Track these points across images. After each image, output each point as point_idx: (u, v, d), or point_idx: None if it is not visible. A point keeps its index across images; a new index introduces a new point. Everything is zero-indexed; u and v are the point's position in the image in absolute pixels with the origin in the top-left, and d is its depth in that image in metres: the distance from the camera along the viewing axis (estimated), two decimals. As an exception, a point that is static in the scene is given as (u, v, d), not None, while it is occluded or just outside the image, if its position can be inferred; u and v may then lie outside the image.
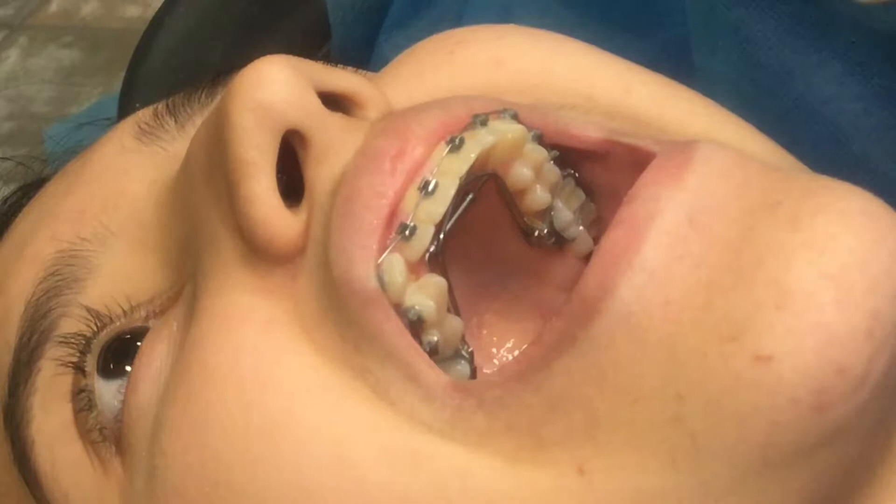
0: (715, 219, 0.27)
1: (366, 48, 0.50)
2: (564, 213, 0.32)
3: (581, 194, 0.32)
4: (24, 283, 0.34)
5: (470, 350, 0.30)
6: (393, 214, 0.29)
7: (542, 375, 0.27)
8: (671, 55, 0.37)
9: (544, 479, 0.27)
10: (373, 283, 0.28)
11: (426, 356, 0.28)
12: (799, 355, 0.25)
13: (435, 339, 0.29)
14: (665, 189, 0.27)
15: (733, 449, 0.25)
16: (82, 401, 0.33)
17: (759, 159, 0.29)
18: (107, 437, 0.32)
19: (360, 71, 0.37)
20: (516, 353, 0.32)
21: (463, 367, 0.30)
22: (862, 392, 0.25)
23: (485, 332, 0.32)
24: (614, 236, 0.27)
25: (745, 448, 0.25)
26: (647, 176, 0.27)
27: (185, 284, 0.32)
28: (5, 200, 0.44)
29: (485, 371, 0.31)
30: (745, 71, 0.34)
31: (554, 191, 0.31)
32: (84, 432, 0.33)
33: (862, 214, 0.26)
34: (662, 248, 0.26)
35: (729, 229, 0.26)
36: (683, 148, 0.28)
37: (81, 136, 0.47)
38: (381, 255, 0.28)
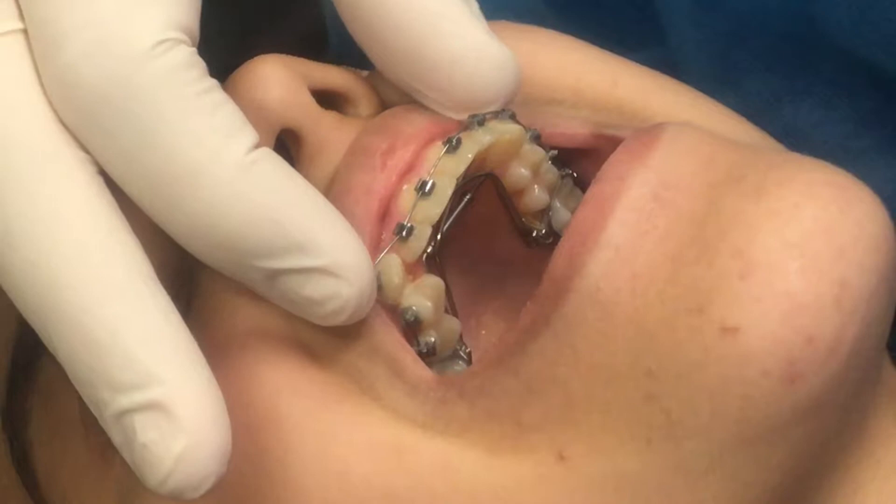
0: (680, 194, 0.27)
1: (363, 53, 0.50)
2: (563, 213, 0.32)
3: (579, 194, 0.32)
4: None
5: (468, 350, 0.30)
6: (384, 210, 0.29)
7: (518, 359, 0.27)
8: (661, 68, 0.38)
9: (525, 468, 0.27)
10: None
11: (412, 352, 0.28)
12: (765, 325, 0.25)
13: (432, 339, 0.29)
14: (630, 167, 0.27)
15: (708, 425, 0.25)
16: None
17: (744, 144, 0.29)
18: (108, 438, 0.32)
19: (353, 69, 0.37)
20: None
21: (461, 368, 0.30)
22: (833, 362, 0.25)
23: (483, 332, 0.32)
24: (581, 215, 0.27)
25: (720, 424, 0.25)
26: (615, 156, 0.28)
27: (182, 285, 0.32)
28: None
29: None
30: (733, 97, 0.34)
31: (552, 190, 0.31)
32: (89, 433, 0.33)
33: (828, 185, 0.26)
34: (628, 224, 0.26)
35: (694, 203, 0.27)
36: (651, 129, 0.28)
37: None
38: (372, 250, 0.28)
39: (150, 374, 0.24)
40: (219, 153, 0.25)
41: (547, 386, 0.27)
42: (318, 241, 0.26)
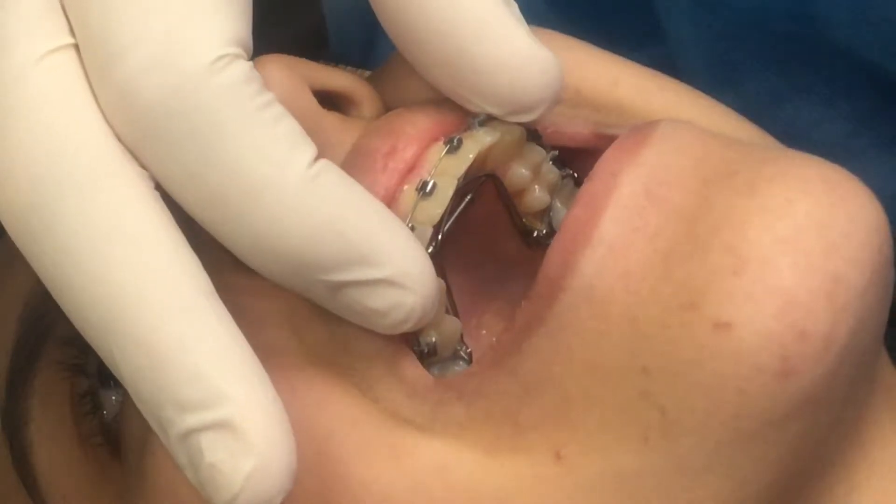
0: (672, 190, 0.27)
1: (363, 52, 0.51)
2: (563, 213, 0.32)
3: (580, 194, 0.32)
4: (22, 283, 0.34)
5: (468, 351, 0.30)
6: None
7: (515, 359, 0.27)
8: (661, 68, 0.38)
9: (523, 468, 0.27)
10: None
11: (411, 353, 0.28)
12: (758, 321, 0.25)
13: (433, 339, 0.29)
14: (622, 165, 0.27)
15: (704, 422, 0.25)
16: (85, 404, 0.33)
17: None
18: (108, 439, 0.32)
19: (355, 70, 0.37)
20: None
21: (461, 369, 0.30)
22: (827, 357, 0.25)
23: (483, 332, 0.32)
24: (574, 214, 0.27)
25: (716, 421, 0.25)
26: (607, 154, 0.28)
27: None
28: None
29: None
30: (733, 97, 0.35)
31: (553, 191, 0.31)
32: (85, 435, 0.32)
33: (820, 180, 0.26)
34: (620, 221, 0.27)
35: (686, 199, 0.27)
36: (644, 127, 0.28)
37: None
38: None
39: (219, 393, 0.24)
40: (283, 167, 0.25)
41: (543, 386, 0.27)
42: (383, 253, 0.26)
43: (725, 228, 0.26)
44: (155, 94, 0.24)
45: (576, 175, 0.32)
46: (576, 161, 0.32)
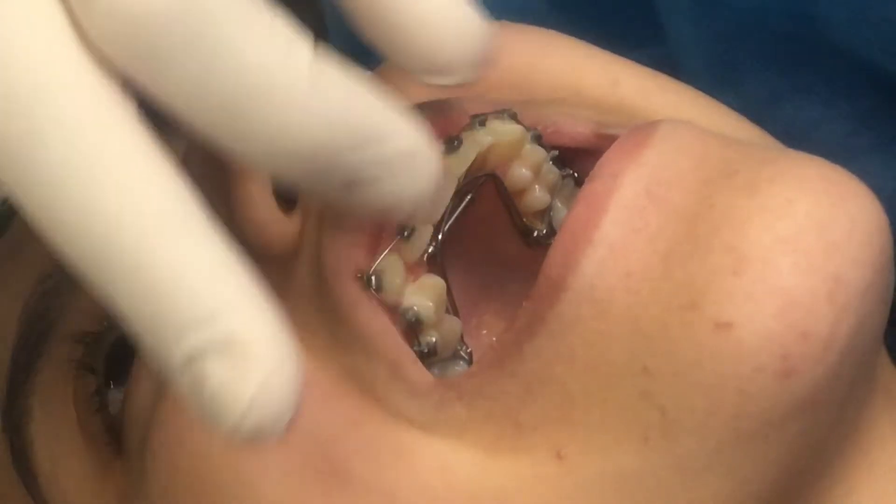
0: (673, 191, 0.27)
1: (363, 52, 0.50)
2: (564, 213, 0.32)
3: (580, 194, 0.32)
4: (24, 280, 0.34)
5: (469, 351, 0.30)
6: None
7: (516, 360, 0.27)
8: (661, 68, 0.38)
9: (524, 468, 0.27)
10: (361, 281, 0.28)
11: (412, 354, 0.28)
12: (759, 321, 0.25)
13: (433, 339, 0.29)
14: (623, 165, 0.27)
15: (704, 422, 0.25)
16: (94, 403, 0.33)
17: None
18: (113, 438, 0.32)
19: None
20: None
21: (462, 368, 0.30)
22: (828, 357, 0.25)
23: (484, 332, 0.32)
24: (575, 214, 0.27)
25: (716, 421, 0.25)
26: (608, 154, 0.28)
27: None
28: (5, 200, 0.44)
29: None
30: (733, 97, 0.35)
31: (553, 191, 0.31)
32: (91, 433, 0.32)
33: (821, 180, 0.26)
34: (621, 221, 0.27)
35: (686, 200, 0.27)
36: (644, 127, 0.28)
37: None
38: (372, 253, 0.28)
39: (219, 308, 0.22)
40: (288, 63, 0.24)
41: (544, 386, 0.27)
42: (392, 129, 0.25)
43: (726, 228, 0.26)
44: (150, 6, 0.23)
45: (576, 175, 0.32)
46: (576, 161, 0.32)
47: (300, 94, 0.24)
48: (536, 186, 0.31)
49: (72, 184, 0.23)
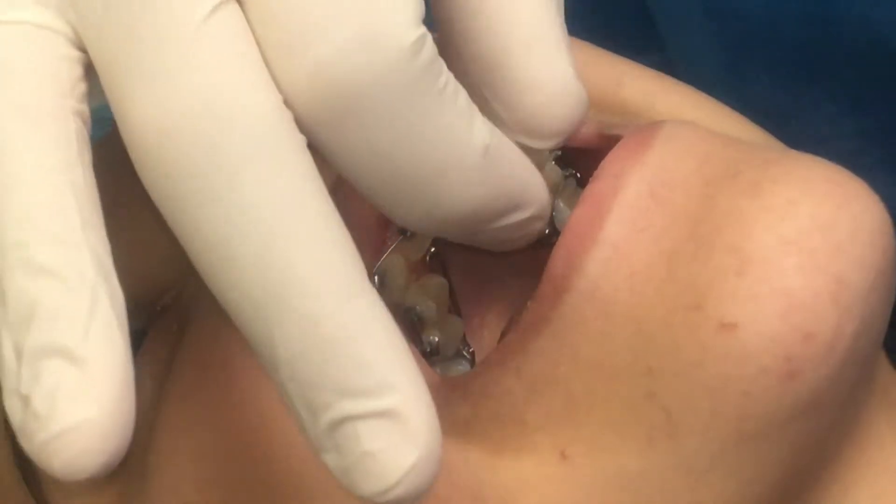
0: (677, 191, 0.27)
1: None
2: (566, 213, 0.31)
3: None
4: None
5: (471, 350, 0.31)
6: None
7: (520, 359, 0.27)
8: (666, 73, 0.38)
9: (528, 468, 0.27)
10: None
11: (416, 352, 0.28)
12: (763, 322, 0.25)
13: (436, 339, 0.29)
14: (627, 165, 0.27)
15: (708, 423, 0.25)
16: None
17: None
18: None
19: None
20: None
21: (464, 368, 0.30)
22: (831, 358, 0.25)
23: (486, 332, 0.32)
24: (579, 214, 0.27)
25: (720, 421, 0.25)
26: (611, 155, 0.28)
27: (185, 284, 0.32)
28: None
29: None
30: (741, 111, 0.35)
31: (556, 191, 0.31)
32: None
33: (824, 181, 0.26)
34: (625, 222, 0.27)
35: (690, 200, 0.27)
36: (648, 128, 0.28)
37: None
38: (375, 253, 0.28)
39: (386, 382, 0.22)
40: (467, 143, 0.24)
41: (549, 386, 0.27)
42: (532, 197, 0.27)
43: (729, 229, 0.26)
44: (356, 74, 0.23)
45: (578, 175, 0.32)
46: (579, 161, 0.32)
47: (476, 170, 0.25)
48: (539, 186, 0.31)
49: (258, 227, 0.22)
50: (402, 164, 0.24)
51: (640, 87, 0.33)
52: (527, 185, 0.27)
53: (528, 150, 0.30)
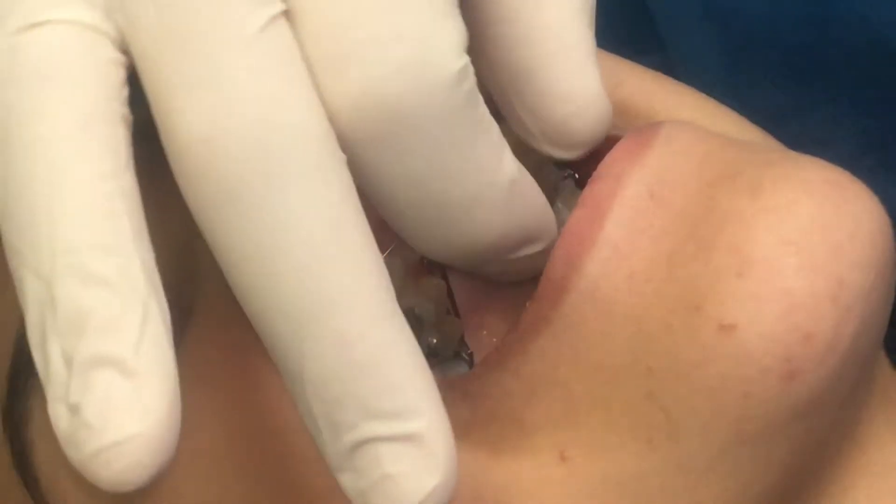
0: (676, 192, 0.27)
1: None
2: (564, 214, 0.31)
3: (581, 195, 0.32)
4: None
5: (470, 352, 0.30)
6: None
7: (520, 360, 0.27)
8: (666, 73, 0.38)
9: (527, 469, 0.27)
10: None
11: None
12: (763, 322, 0.25)
13: (434, 340, 0.29)
14: (626, 166, 0.27)
15: (708, 424, 0.25)
16: None
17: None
18: None
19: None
20: None
21: (462, 369, 0.30)
22: (831, 359, 0.25)
23: (484, 333, 0.32)
24: (578, 215, 0.27)
25: (720, 422, 0.25)
26: (611, 155, 0.28)
27: (180, 293, 0.32)
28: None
29: None
30: (741, 112, 0.35)
31: (553, 192, 0.31)
32: None
33: (824, 182, 0.26)
34: (624, 222, 0.27)
35: (689, 201, 0.27)
36: (647, 128, 0.28)
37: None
38: None
39: (413, 406, 0.22)
40: (497, 176, 0.25)
41: (548, 386, 0.27)
42: (547, 231, 0.27)
43: (729, 229, 0.26)
44: (403, 97, 0.23)
45: (576, 176, 0.32)
46: (577, 161, 0.32)
47: (501, 203, 0.25)
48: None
49: (301, 243, 0.22)
50: (434, 191, 0.24)
51: (640, 87, 0.33)
52: (542, 218, 0.27)
53: (526, 150, 0.30)
